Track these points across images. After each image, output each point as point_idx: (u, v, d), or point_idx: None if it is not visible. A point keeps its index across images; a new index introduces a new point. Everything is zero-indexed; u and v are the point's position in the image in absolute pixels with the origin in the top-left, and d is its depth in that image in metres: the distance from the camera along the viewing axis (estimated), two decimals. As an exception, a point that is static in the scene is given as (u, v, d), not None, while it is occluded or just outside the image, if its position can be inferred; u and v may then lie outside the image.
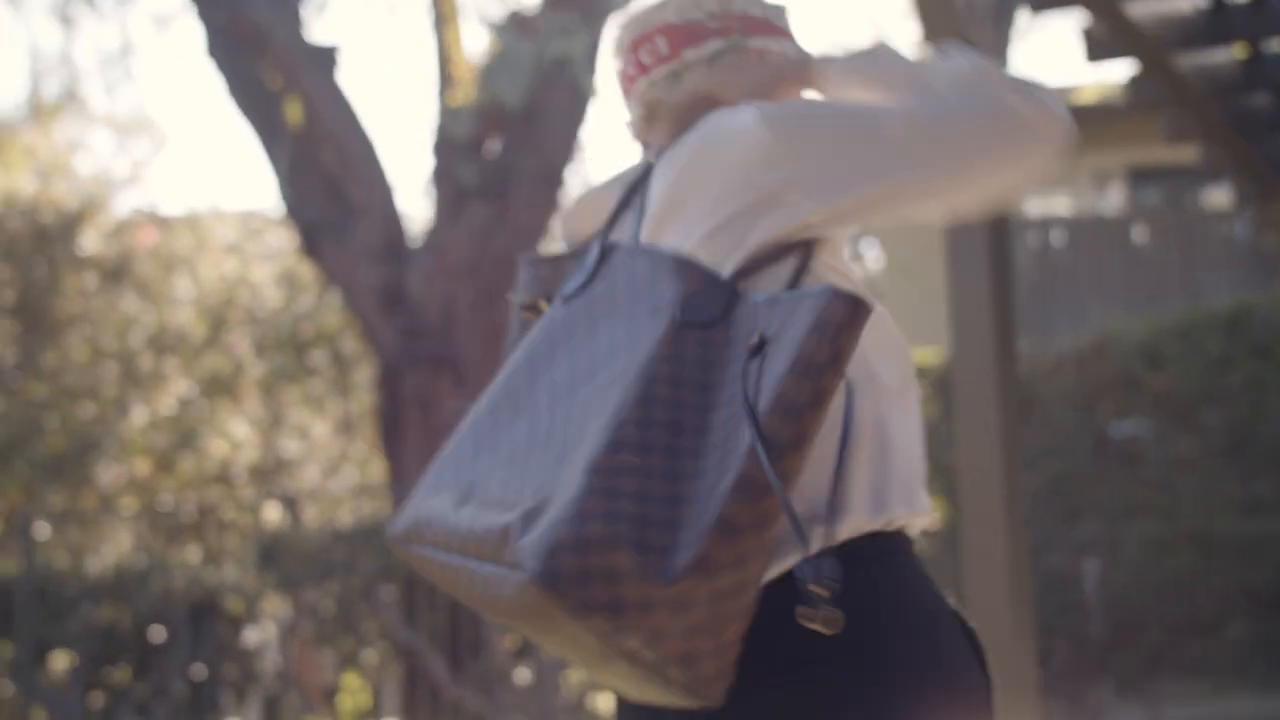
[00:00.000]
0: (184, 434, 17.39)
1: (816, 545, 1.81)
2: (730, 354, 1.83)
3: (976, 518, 4.97)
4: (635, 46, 2.17)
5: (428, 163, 13.70)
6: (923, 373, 12.91)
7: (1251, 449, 13.90)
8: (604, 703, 11.99)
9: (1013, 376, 5.04)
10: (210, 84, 39.46)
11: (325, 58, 12.11)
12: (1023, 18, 15.77)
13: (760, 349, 1.78)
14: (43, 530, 12.71)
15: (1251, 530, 13.79)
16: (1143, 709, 15.34)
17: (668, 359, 1.81)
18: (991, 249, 5.02)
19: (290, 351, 17.66)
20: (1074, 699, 14.77)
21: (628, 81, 2.22)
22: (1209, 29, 6.45)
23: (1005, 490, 4.91)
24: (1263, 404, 13.85)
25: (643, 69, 2.18)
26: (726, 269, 1.92)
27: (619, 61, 2.20)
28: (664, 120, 2.13)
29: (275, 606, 12.74)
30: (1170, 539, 14.62)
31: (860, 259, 18.45)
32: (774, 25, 2.20)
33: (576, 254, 2.09)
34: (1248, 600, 14.12)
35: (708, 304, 1.84)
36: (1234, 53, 7.00)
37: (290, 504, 12.96)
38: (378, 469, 18.98)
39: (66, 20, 17.54)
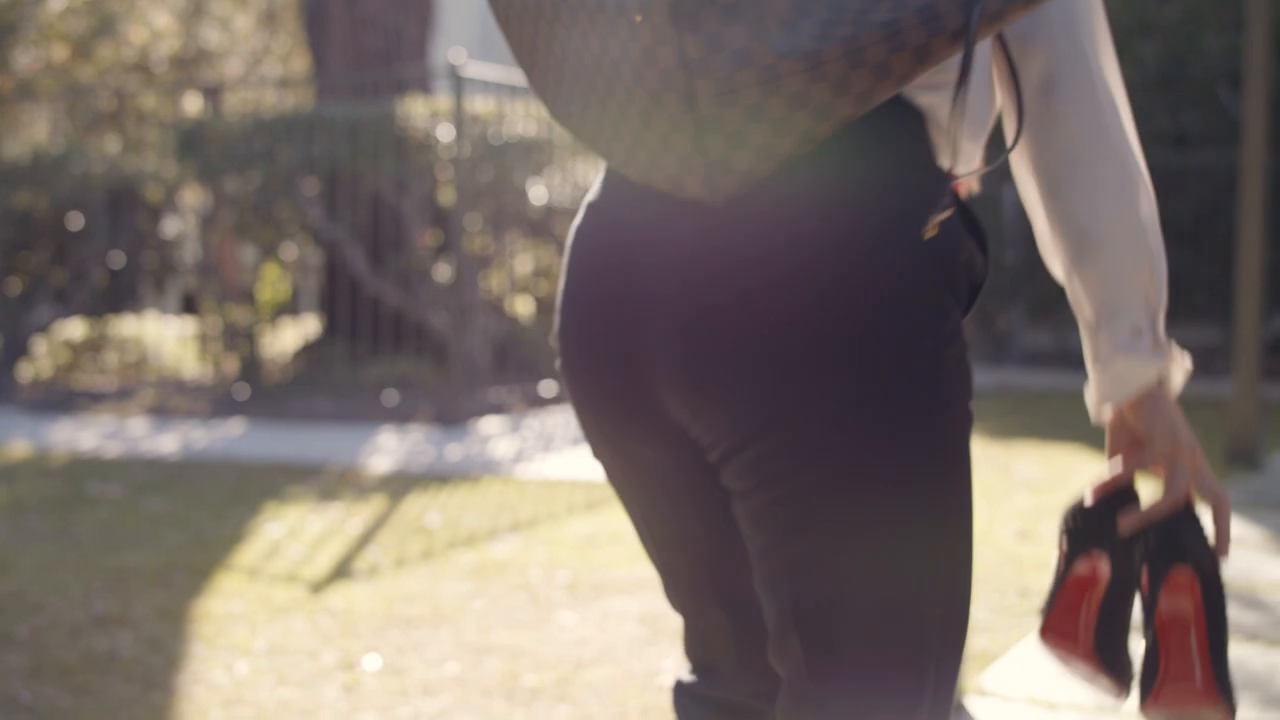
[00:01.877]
0: (103, 20, 16.97)
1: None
2: None
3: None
4: None
5: None
6: None
7: (1183, 82, 13.87)
8: (521, 305, 12.11)
9: None
10: None
11: None
12: None
13: None
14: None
15: (1176, 164, 13.87)
16: (1050, 335, 15.71)
17: None
18: None
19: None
20: (984, 323, 15.06)
21: None
22: None
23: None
24: (1197, 38, 13.75)
25: None
26: None
27: None
28: None
29: (195, 197, 12.65)
30: (1092, 169, 14.57)
31: None
32: None
33: None
34: (1166, 232, 14.29)
35: None
36: None
37: (211, 94, 12.73)
38: (301, 62, 18.65)
39: None
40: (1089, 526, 1.68)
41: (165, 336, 13.15)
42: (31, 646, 4.38)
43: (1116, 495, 1.68)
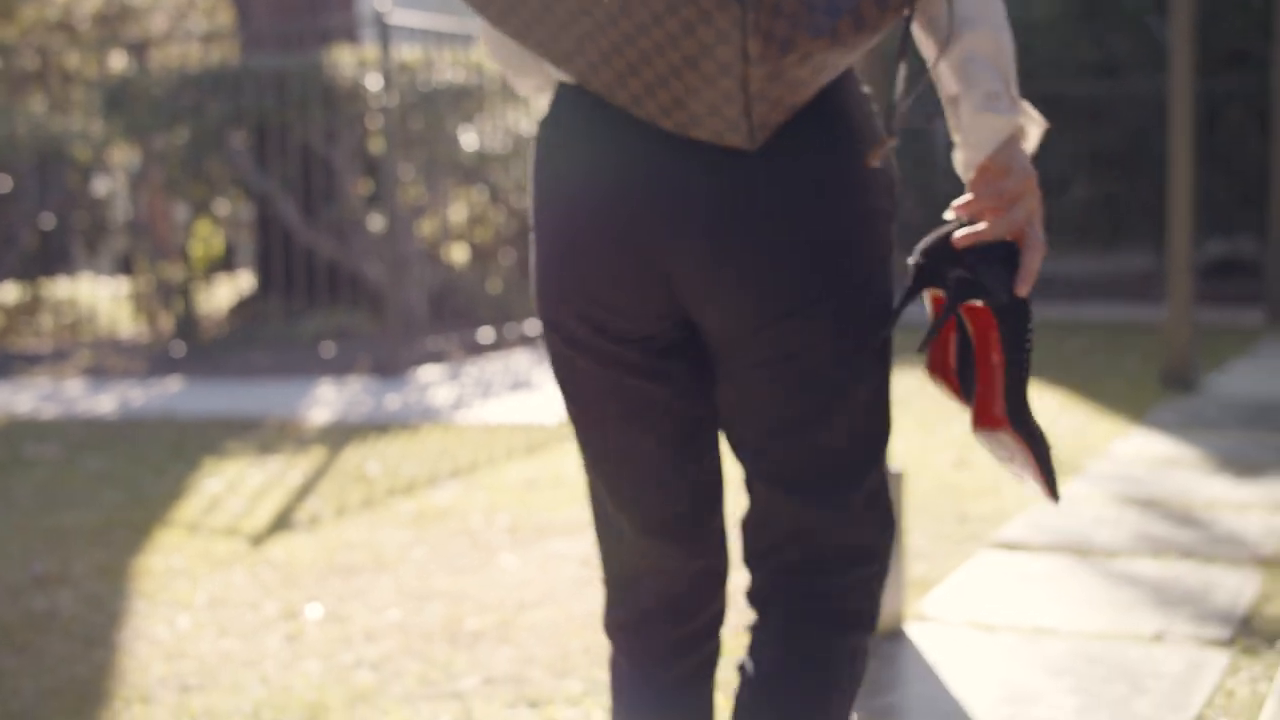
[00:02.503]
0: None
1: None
2: None
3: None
4: None
5: None
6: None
7: (1109, 10, 13.91)
8: (457, 253, 12.07)
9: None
10: None
11: None
12: None
13: None
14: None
15: (1103, 93, 13.92)
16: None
17: None
18: None
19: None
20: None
21: None
22: None
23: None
24: (1123, -35, 13.79)
25: None
26: None
27: None
28: None
29: (123, 155, 12.53)
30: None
31: None
32: None
33: None
34: (1093, 162, 14.36)
35: None
36: None
37: (136, 50, 12.59)
38: (226, 15, 18.45)
39: None
40: (936, 266, 1.90)
41: (100, 297, 13.03)
42: (-30, 608, 4.36)
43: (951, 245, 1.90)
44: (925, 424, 7.13)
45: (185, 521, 5.47)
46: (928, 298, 1.94)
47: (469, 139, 10.91)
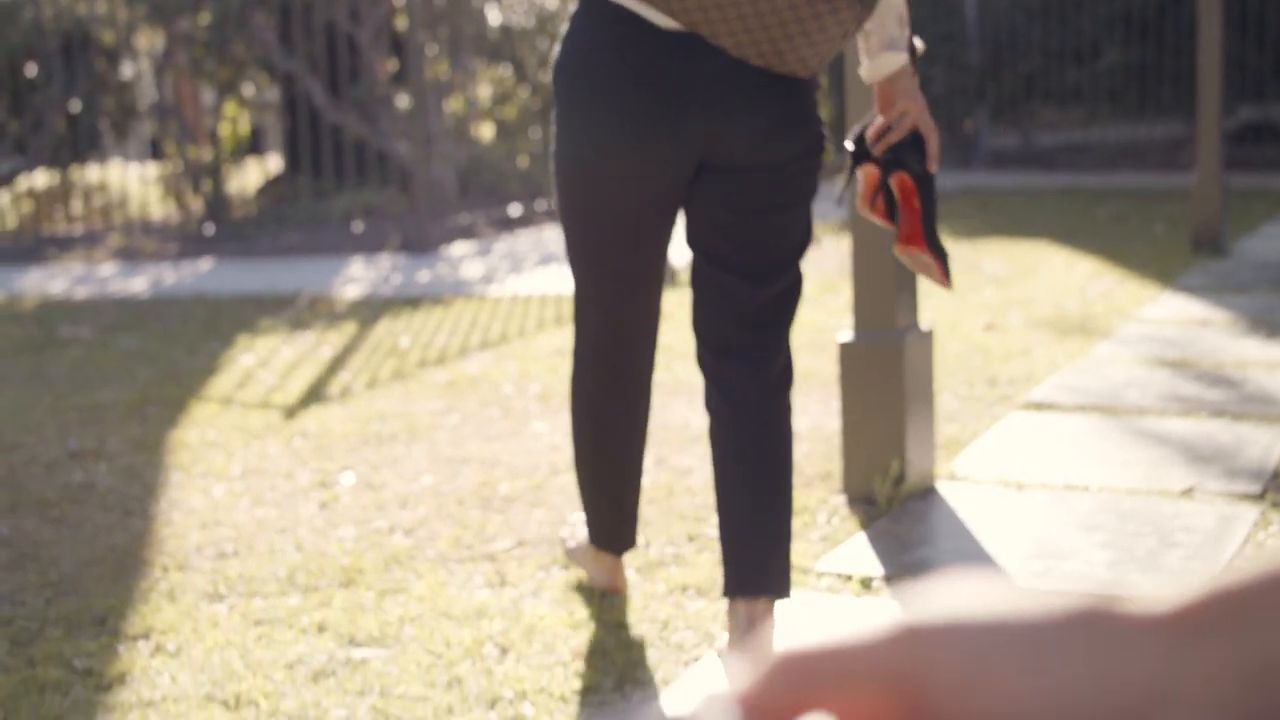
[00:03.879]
0: None
1: None
2: None
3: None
4: None
5: None
6: None
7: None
8: (484, 130, 12.00)
9: None
10: None
11: None
12: None
13: None
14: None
15: (1135, -44, 13.72)
16: (1017, 135, 15.65)
17: None
18: None
19: None
20: (950, 126, 14.99)
21: None
22: None
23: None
24: None
25: None
26: None
27: None
28: None
29: (149, 39, 12.47)
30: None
31: None
32: None
33: None
34: (1124, 28, 14.17)
35: None
36: None
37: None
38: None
39: None
40: (863, 149, 2.95)
41: (130, 181, 13.04)
42: (8, 483, 4.41)
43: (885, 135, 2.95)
44: (957, 290, 7.11)
45: (219, 396, 5.51)
46: (860, 174, 2.98)
47: (494, 14, 10.82)
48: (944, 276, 2.96)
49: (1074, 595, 0.48)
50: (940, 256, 2.94)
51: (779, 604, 2.84)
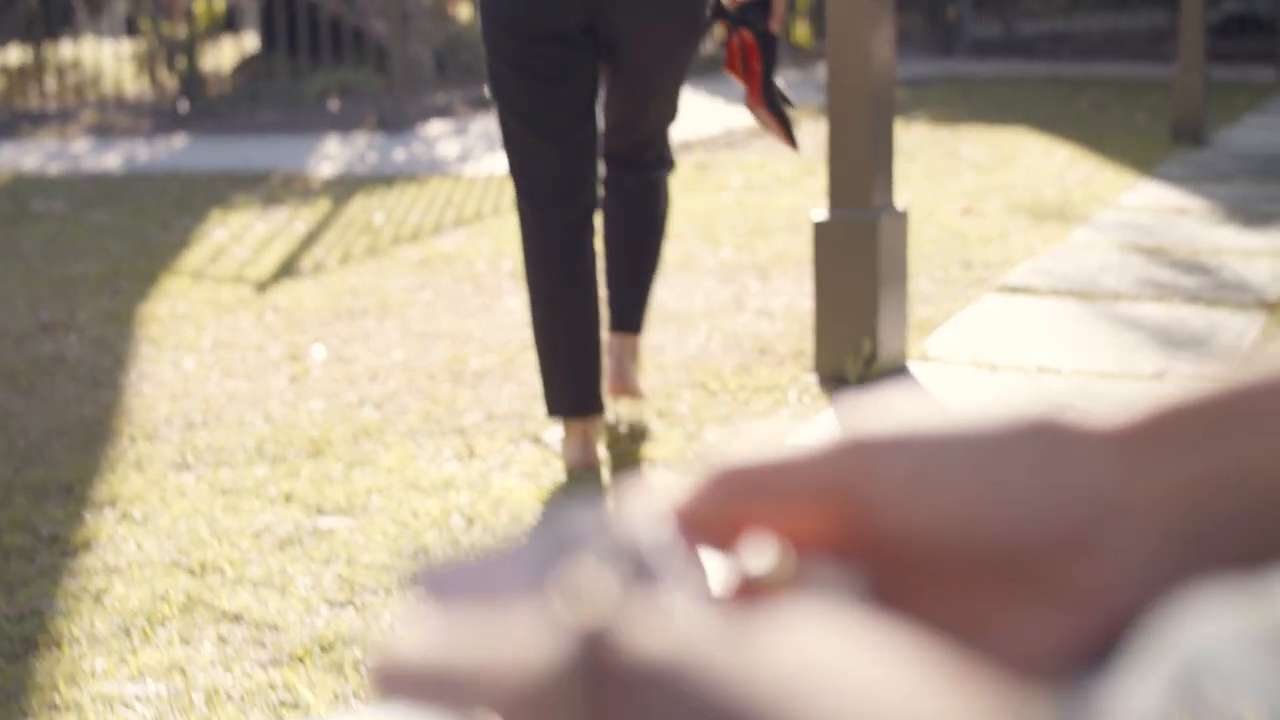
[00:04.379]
0: None
1: None
2: None
3: None
4: None
5: None
6: None
7: None
8: (462, 9, 11.87)
9: None
10: None
11: None
12: None
13: None
14: None
15: None
16: (999, 23, 15.54)
17: None
18: None
19: None
20: (933, 14, 14.88)
21: None
22: None
23: None
24: None
25: None
26: None
27: None
28: None
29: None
30: None
31: None
32: None
33: None
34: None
35: None
36: None
37: None
38: None
39: None
40: (720, 8, 3.20)
41: (104, 57, 12.88)
42: (-23, 352, 4.38)
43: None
44: (933, 175, 7.08)
45: (191, 270, 5.48)
46: (723, 33, 3.26)
47: (473, -110, 10.67)
48: (786, 137, 3.23)
49: (1023, 406, 0.47)
50: (780, 117, 3.18)
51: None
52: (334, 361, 4.21)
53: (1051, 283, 4.85)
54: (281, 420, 3.69)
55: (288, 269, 5.44)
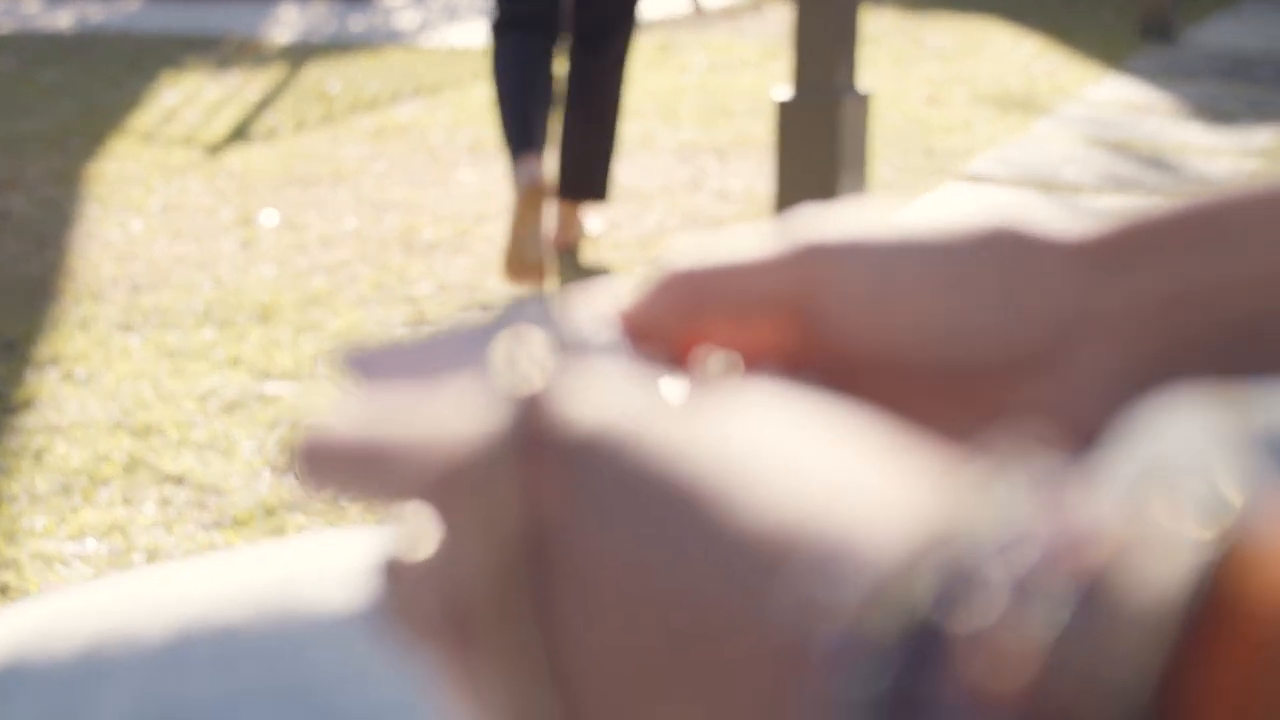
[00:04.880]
0: None
1: None
2: None
3: None
4: None
5: None
6: None
7: None
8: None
9: None
10: None
11: None
12: None
13: None
14: None
15: None
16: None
17: None
18: None
19: None
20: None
21: None
22: None
23: None
24: None
25: None
26: None
27: None
28: None
29: None
30: None
31: None
32: None
33: None
34: None
35: None
36: None
37: None
38: None
39: None
40: None
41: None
42: (-80, 206, 4.30)
43: None
44: (899, 62, 7.02)
45: (141, 131, 5.38)
46: None
47: None
48: None
49: (986, 216, 0.44)
50: None
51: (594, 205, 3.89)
52: (285, 228, 4.14)
53: (1013, 172, 4.82)
54: (230, 284, 3.64)
55: (240, 133, 5.35)
